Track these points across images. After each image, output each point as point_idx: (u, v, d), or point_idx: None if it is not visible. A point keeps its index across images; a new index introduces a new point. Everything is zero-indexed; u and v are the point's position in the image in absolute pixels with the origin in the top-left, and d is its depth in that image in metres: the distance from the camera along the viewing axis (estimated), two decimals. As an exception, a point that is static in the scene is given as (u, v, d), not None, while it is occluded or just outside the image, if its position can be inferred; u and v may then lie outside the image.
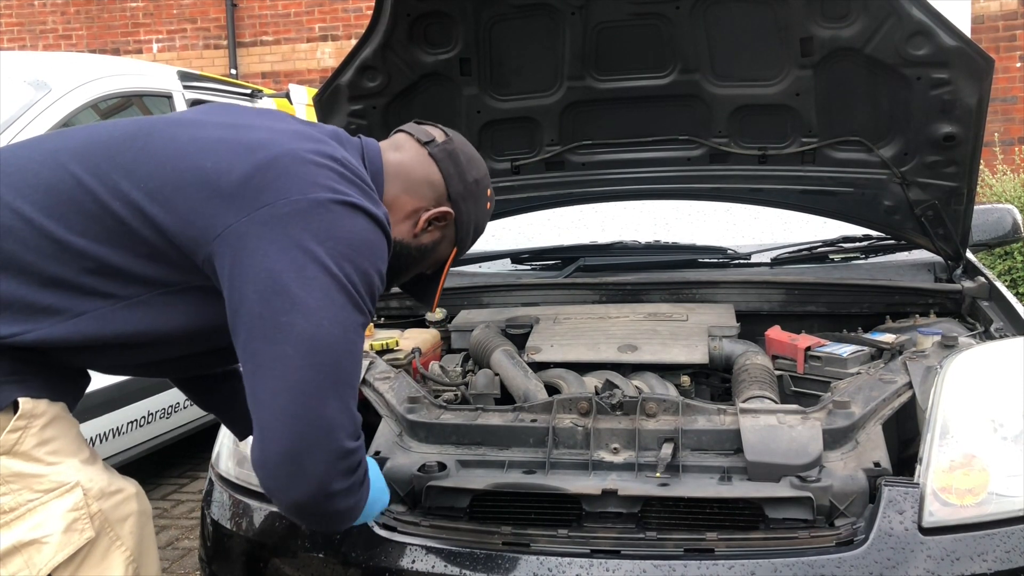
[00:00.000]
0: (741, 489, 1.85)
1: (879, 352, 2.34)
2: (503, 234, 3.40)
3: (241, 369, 1.39)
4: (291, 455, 1.33)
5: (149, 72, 4.81)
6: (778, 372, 2.37)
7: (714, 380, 2.49)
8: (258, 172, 1.39)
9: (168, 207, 1.39)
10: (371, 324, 2.63)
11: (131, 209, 1.40)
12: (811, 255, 2.95)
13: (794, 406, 2.06)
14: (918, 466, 1.82)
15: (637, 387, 2.27)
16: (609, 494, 1.85)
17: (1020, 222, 2.98)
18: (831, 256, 2.96)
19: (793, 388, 2.36)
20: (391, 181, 1.61)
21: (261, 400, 1.34)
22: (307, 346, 1.33)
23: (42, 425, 1.45)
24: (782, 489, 1.82)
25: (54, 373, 1.49)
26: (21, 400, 1.43)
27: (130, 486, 1.58)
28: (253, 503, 2.08)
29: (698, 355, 2.37)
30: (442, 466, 1.96)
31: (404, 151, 1.67)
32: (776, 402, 2.14)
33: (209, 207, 1.38)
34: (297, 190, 1.38)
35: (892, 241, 2.88)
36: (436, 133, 1.71)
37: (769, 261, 2.94)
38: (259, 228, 1.35)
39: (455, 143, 1.71)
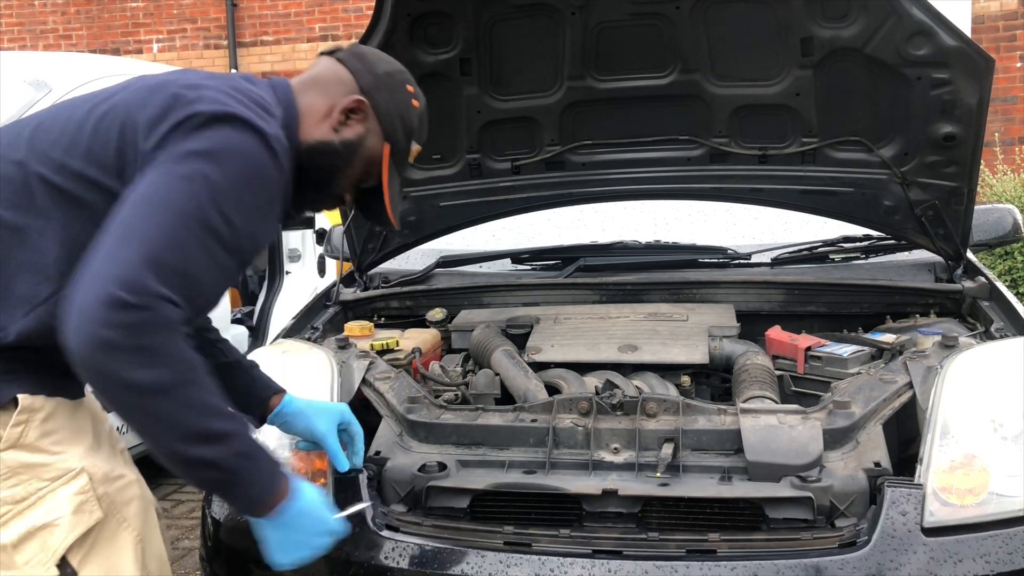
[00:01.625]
0: (741, 489, 1.85)
1: (879, 352, 2.34)
2: (503, 234, 3.40)
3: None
4: (83, 287, 1.33)
5: (149, 72, 4.80)
6: (778, 372, 2.37)
7: (714, 380, 2.49)
8: (158, 110, 1.48)
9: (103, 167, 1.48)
10: (371, 324, 2.63)
11: (75, 179, 1.48)
12: (811, 255, 2.95)
13: (794, 406, 2.06)
14: (918, 466, 1.82)
15: (637, 387, 2.27)
16: (609, 494, 1.85)
17: (1020, 222, 2.98)
18: (831, 256, 2.96)
19: (793, 388, 2.36)
20: (303, 94, 1.67)
21: (93, 252, 1.37)
22: (137, 207, 1.38)
23: (43, 418, 1.51)
24: (782, 489, 1.82)
25: (49, 370, 1.52)
26: (20, 396, 1.49)
27: (131, 473, 1.65)
28: (253, 503, 2.07)
29: (698, 355, 2.37)
30: (442, 466, 1.97)
31: (313, 67, 1.74)
32: (776, 402, 2.14)
33: (129, 153, 1.48)
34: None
35: (892, 241, 2.88)
36: (345, 46, 1.78)
37: (769, 261, 2.93)
38: (152, 162, 1.43)
39: (362, 47, 1.79)
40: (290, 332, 2.58)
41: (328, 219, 5.32)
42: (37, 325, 1.47)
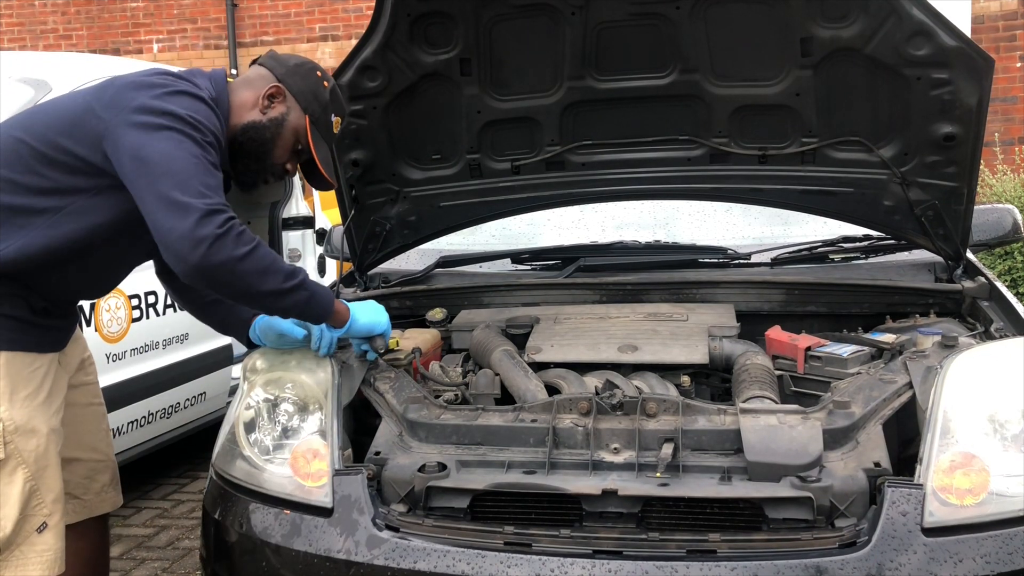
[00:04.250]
0: (741, 489, 1.85)
1: (879, 352, 2.34)
2: (503, 234, 3.40)
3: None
4: (168, 228, 1.84)
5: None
6: (778, 372, 2.37)
7: (714, 380, 2.49)
8: (116, 91, 1.98)
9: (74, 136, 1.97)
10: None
11: (53, 146, 1.97)
12: (811, 255, 2.95)
13: (794, 406, 2.06)
14: (918, 466, 1.83)
15: (637, 387, 2.27)
16: (609, 494, 1.85)
17: (1020, 222, 2.98)
18: (831, 256, 2.96)
19: (793, 388, 2.36)
20: (235, 92, 2.15)
21: (150, 211, 1.87)
22: (158, 167, 1.87)
23: None
24: (782, 489, 1.82)
25: (9, 322, 1.98)
26: None
27: (44, 426, 2.04)
28: (254, 503, 2.08)
29: (698, 355, 2.37)
30: (442, 466, 1.97)
31: (246, 74, 2.23)
32: (776, 402, 2.14)
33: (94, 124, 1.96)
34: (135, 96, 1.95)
35: (892, 241, 2.88)
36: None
37: (769, 261, 2.94)
38: (118, 124, 1.92)
39: (277, 53, 2.26)
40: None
41: (328, 219, 5.32)
42: (24, 247, 1.95)
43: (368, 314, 2.25)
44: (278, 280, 1.95)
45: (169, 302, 3.96)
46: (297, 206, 5.27)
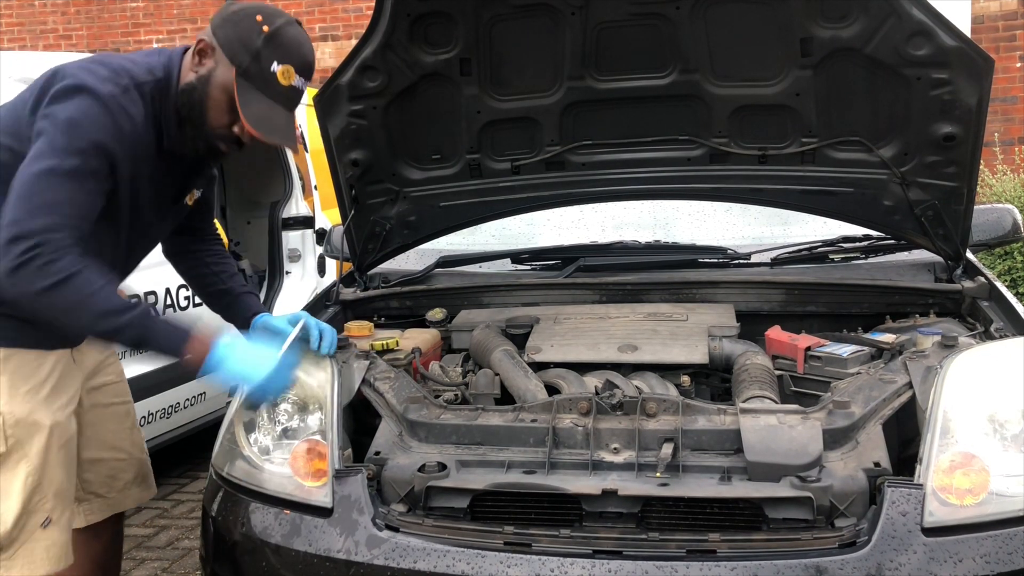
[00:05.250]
0: (741, 489, 1.85)
1: (879, 352, 2.34)
2: (503, 234, 3.40)
3: None
4: None
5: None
6: (778, 372, 2.37)
7: (714, 380, 2.49)
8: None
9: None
10: (371, 324, 2.63)
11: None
12: (811, 255, 2.95)
13: (794, 406, 2.06)
14: (918, 466, 1.83)
15: (637, 387, 2.27)
16: (609, 494, 1.85)
17: (1020, 222, 2.98)
18: (831, 256, 2.96)
19: (793, 388, 2.36)
20: (186, 57, 2.00)
21: None
22: (15, 183, 1.82)
23: None
24: (782, 489, 1.82)
25: (10, 321, 1.92)
26: None
27: (47, 420, 2.01)
28: (254, 503, 2.08)
29: (698, 355, 2.37)
30: (442, 466, 1.97)
31: None
32: (776, 402, 2.14)
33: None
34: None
35: (892, 241, 2.88)
36: None
37: (769, 261, 2.93)
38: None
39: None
40: (290, 332, 2.58)
41: (328, 219, 5.32)
42: None
43: (246, 364, 1.95)
44: (93, 316, 1.82)
45: (169, 302, 3.96)
46: (297, 206, 5.27)
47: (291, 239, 5.22)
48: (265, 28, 1.92)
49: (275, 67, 1.92)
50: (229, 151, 2.07)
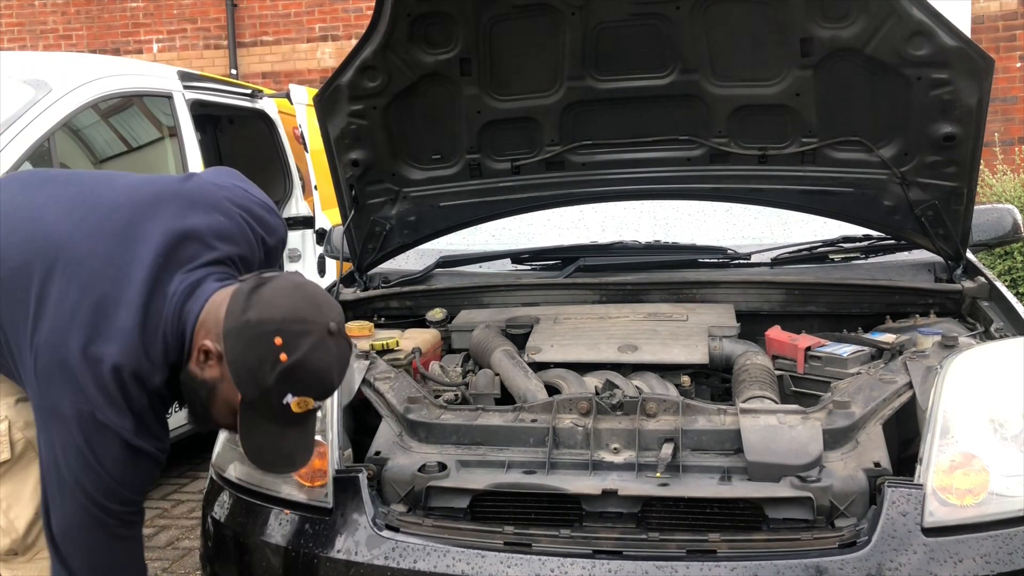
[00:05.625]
0: (741, 489, 1.85)
1: (879, 352, 2.34)
2: (503, 234, 3.40)
3: None
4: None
5: (149, 72, 4.80)
6: (778, 372, 2.37)
7: (714, 380, 2.49)
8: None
9: None
10: (371, 324, 2.63)
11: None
12: (811, 255, 2.95)
13: (794, 406, 2.06)
14: (918, 466, 1.83)
15: (637, 387, 2.27)
16: (609, 494, 1.85)
17: (1020, 222, 2.97)
18: (831, 256, 2.96)
19: (793, 388, 2.36)
20: (202, 321, 1.68)
21: None
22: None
23: None
24: (782, 489, 1.82)
25: None
26: None
27: None
28: (254, 503, 2.08)
29: (698, 355, 2.37)
30: (442, 466, 1.97)
31: (228, 292, 1.68)
32: (776, 402, 2.14)
33: None
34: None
35: (892, 241, 2.88)
36: (269, 275, 1.70)
37: (769, 261, 2.93)
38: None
39: (271, 281, 1.67)
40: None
41: (328, 219, 5.32)
42: None
43: None
44: None
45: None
46: (297, 206, 5.27)
47: (291, 239, 5.22)
48: (283, 357, 1.58)
49: (288, 399, 1.62)
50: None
